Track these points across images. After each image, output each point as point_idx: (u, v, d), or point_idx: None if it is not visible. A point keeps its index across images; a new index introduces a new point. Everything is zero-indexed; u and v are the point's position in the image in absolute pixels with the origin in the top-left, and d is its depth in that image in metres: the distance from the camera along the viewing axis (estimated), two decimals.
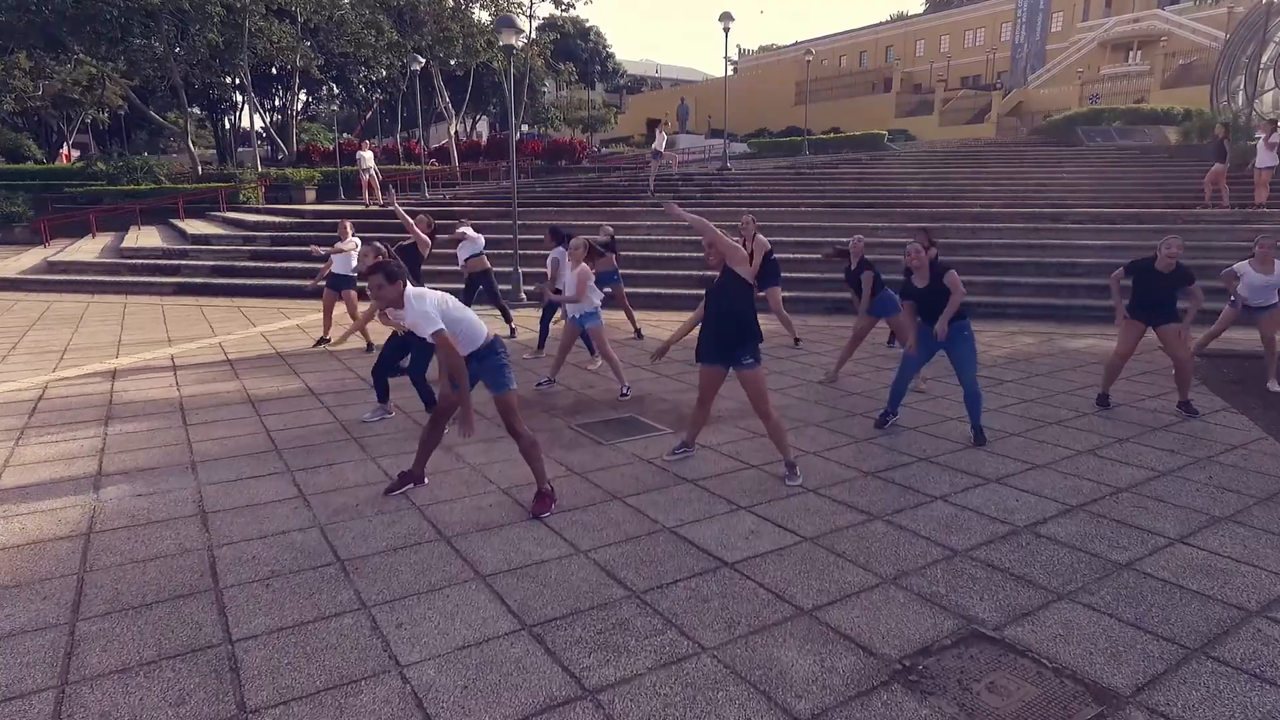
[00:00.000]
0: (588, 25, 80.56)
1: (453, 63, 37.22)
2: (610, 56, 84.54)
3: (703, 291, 5.70)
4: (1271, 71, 23.73)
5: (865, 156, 26.49)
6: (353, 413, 6.11)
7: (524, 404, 6.49)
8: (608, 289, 9.32)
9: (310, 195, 33.40)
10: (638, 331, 9.50)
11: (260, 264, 14.14)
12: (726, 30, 21.09)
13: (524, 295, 11.86)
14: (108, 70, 35.93)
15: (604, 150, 56.25)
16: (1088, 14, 56.86)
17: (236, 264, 14.15)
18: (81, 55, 33.10)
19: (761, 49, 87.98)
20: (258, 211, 22.80)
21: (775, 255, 9.20)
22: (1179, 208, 15.24)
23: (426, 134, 46.71)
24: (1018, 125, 46.11)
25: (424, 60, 23.01)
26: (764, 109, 59.75)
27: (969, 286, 11.63)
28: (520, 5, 38.41)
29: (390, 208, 9.53)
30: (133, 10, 30.13)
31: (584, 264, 6.65)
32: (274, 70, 45.39)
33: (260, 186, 28.59)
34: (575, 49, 78.76)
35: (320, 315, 9.32)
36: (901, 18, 78.84)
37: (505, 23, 10.69)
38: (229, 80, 40.56)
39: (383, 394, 5.96)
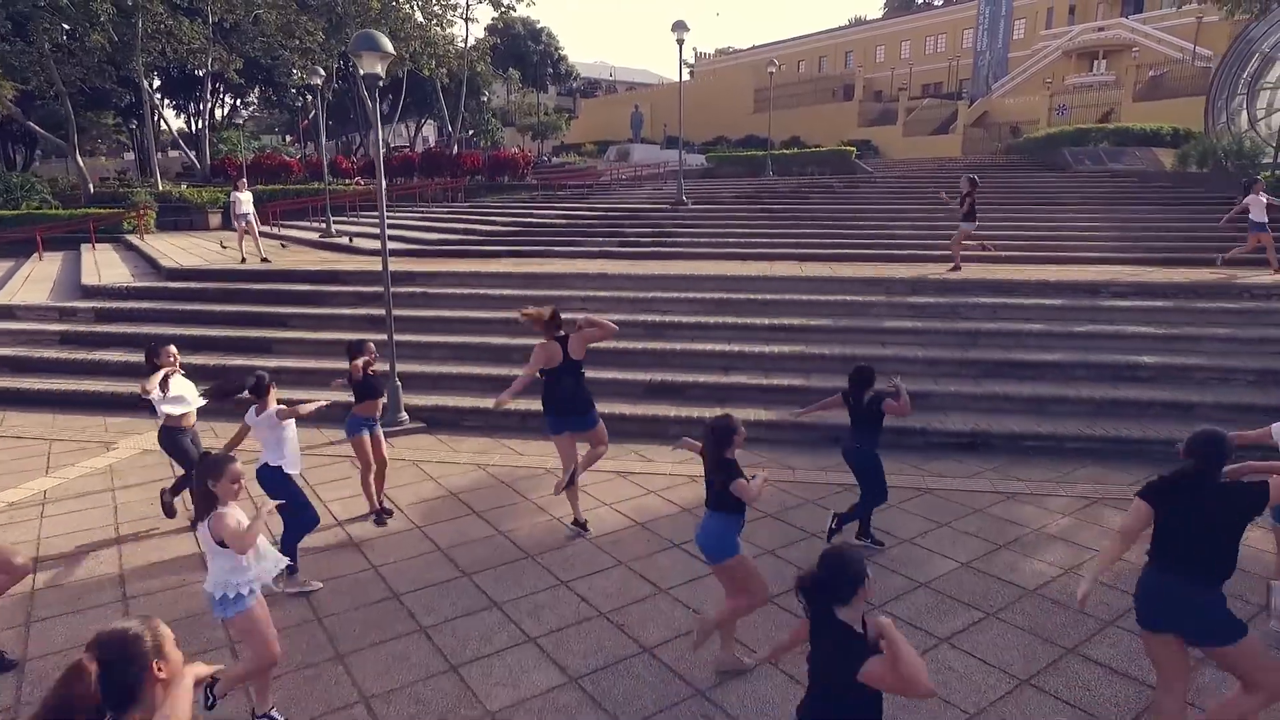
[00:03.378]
0: (539, 26, 77.44)
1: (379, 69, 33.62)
2: (563, 58, 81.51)
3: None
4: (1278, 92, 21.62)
5: (836, 181, 23.78)
6: None
7: None
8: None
9: (214, 219, 29.61)
10: (379, 513, 6.31)
11: (73, 355, 10.67)
12: (680, 42, 18.14)
13: (404, 416, 8.67)
14: None
15: (554, 160, 52.87)
16: (1051, 21, 55.45)
17: (35, 355, 10.66)
18: None
19: (719, 52, 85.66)
20: (125, 248, 19.13)
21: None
22: (1231, 264, 12.73)
23: (365, 142, 42.67)
24: (983, 136, 44.26)
25: (323, 74, 19.53)
26: (721, 115, 57.13)
27: (1006, 401, 8.58)
28: (454, 6, 35.10)
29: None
30: None
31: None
32: (199, 73, 40.99)
33: (142, 215, 24.67)
34: (525, 51, 75.46)
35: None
36: (860, 22, 77.12)
37: (364, 43, 7.49)
38: (132, 85, 36.14)
39: None
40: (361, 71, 7.73)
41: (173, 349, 6.23)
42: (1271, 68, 22.14)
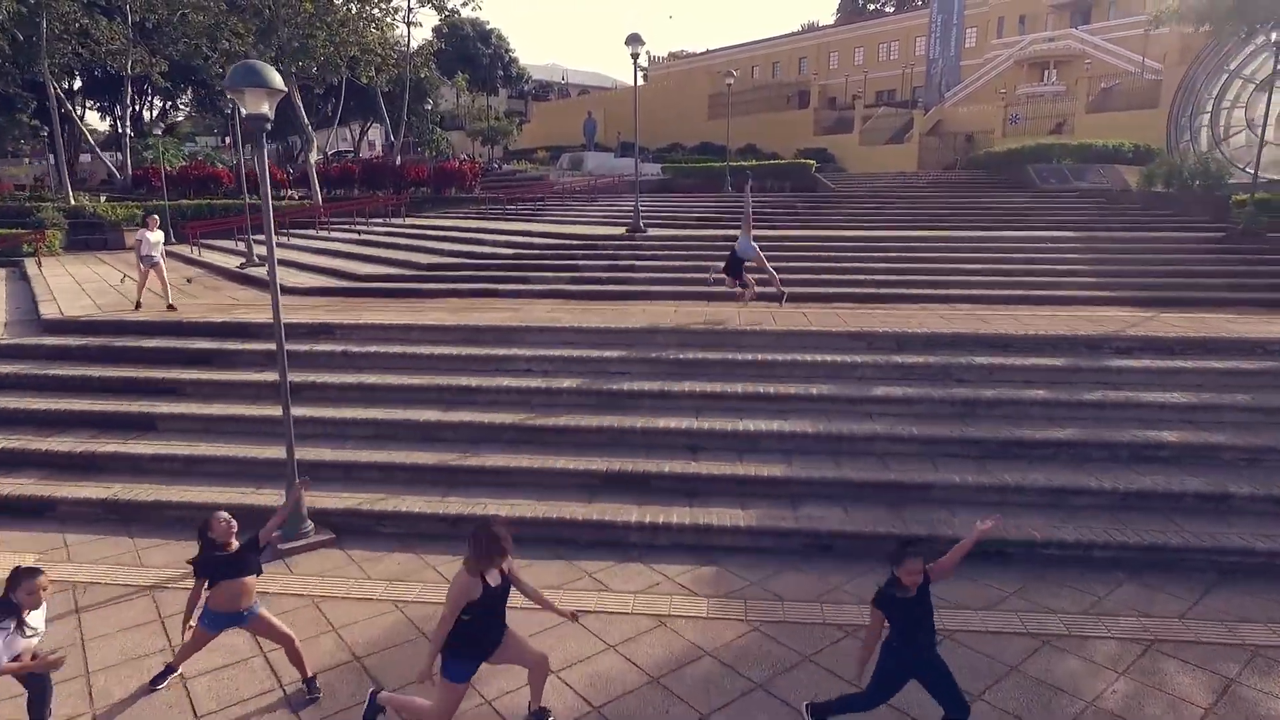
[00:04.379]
0: (488, 28, 75.74)
1: (327, 76, 31.33)
2: (513, 61, 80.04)
3: None
4: (1243, 111, 21.26)
5: (799, 201, 22.75)
6: None
7: None
8: None
9: (131, 238, 27.29)
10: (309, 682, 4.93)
11: None
12: (635, 56, 16.85)
13: (308, 526, 7.12)
14: None
15: (504, 167, 51.10)
16: (1002, 30, 55.73)
17: None
18: None
19: (672, 55, 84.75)
20: (18, 278, 17.00)
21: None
22: (1232, 304, 11.88)
23: (305, 148, 40.24)
24: (939, 145, 44.06)
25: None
26: (676, 121, 56.13)
27: (1018, 494, 7.03)
28: (395, 10, 33.25)
29: None
30: None
31: None
32: (127, 74, 38.14)
33: (42, 238, 22.40)
34: (475, 53, 73.69)
35: None
36: (813, 28, 76.89)
37: (244, 78, 6.00)
38: (40, 88, 33.43)
39: None
40: (244, 112, 6.22)
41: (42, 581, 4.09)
42: (1232, 87, 21.83)
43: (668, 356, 9.67)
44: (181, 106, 62.11)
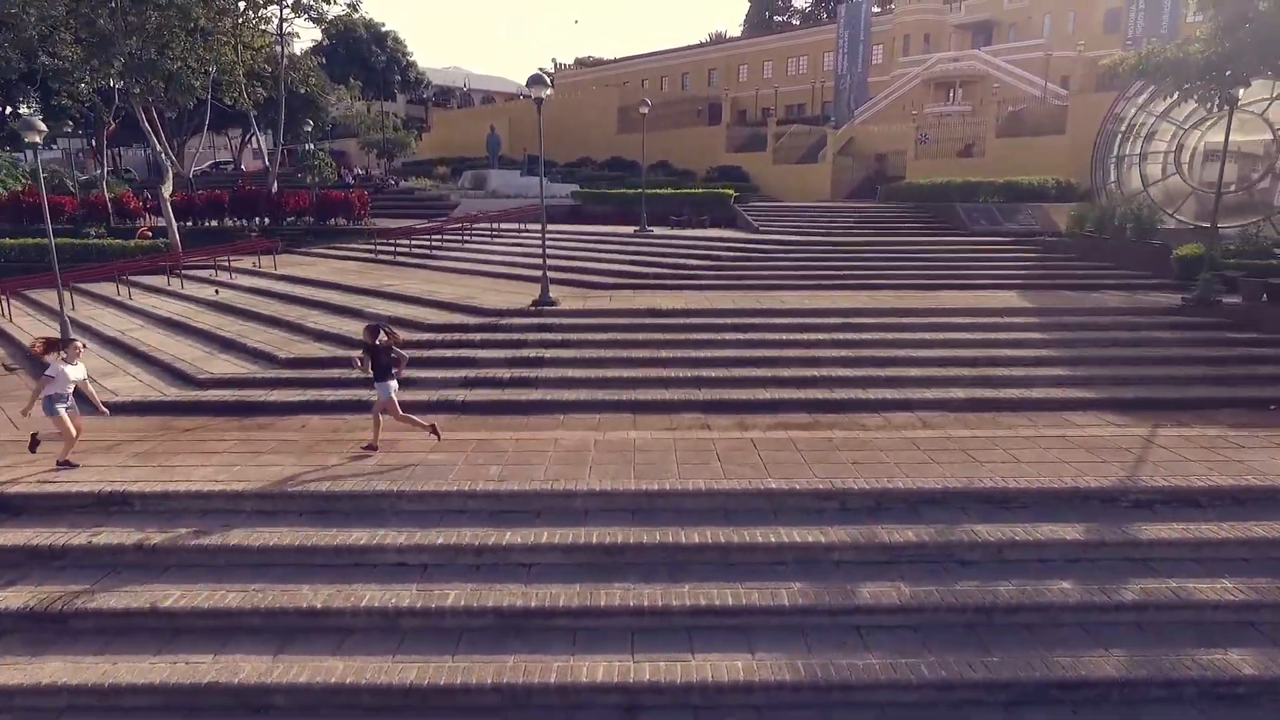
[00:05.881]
0: (384, 29, 71.32)
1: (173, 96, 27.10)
2: (412, 65, 75.81)
3: None
4: (1171, 155, 20.65)
5: (724, 252, 20.75)
6: None
7: None
8: None
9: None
10: None
11: None
12: (539, 101, 14.42)
13: None
14: None
15: (402, 183, 47.31)
16: (908, 48, 56.01)
17: None
18: None
19: (578, 62, 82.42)
20: None
21: None
22: (1220, 406, 10.39)
23: (161, 182, 35.46)
24: (851, 165, 43.39)
25: (44, 129, 14.24)
26: (585, 134, 53.67)
27: None
28: (267, 20, 29.55)
29: None
30: None
31: None
32: None
33: None
34: (369, 56, 69.18)
35: None
36: (720, 39, 76.06)
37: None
38: None
39: None
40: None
41: None
42: (1160, 130, 21.24)
43: (589, 541, 7.31)
44: (25, 113, 54.95)
